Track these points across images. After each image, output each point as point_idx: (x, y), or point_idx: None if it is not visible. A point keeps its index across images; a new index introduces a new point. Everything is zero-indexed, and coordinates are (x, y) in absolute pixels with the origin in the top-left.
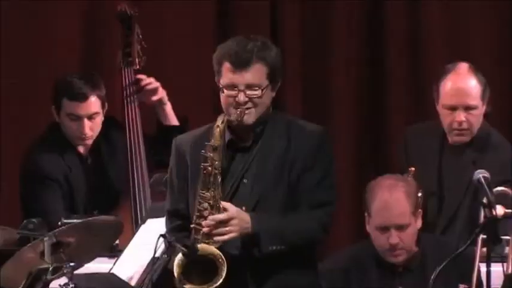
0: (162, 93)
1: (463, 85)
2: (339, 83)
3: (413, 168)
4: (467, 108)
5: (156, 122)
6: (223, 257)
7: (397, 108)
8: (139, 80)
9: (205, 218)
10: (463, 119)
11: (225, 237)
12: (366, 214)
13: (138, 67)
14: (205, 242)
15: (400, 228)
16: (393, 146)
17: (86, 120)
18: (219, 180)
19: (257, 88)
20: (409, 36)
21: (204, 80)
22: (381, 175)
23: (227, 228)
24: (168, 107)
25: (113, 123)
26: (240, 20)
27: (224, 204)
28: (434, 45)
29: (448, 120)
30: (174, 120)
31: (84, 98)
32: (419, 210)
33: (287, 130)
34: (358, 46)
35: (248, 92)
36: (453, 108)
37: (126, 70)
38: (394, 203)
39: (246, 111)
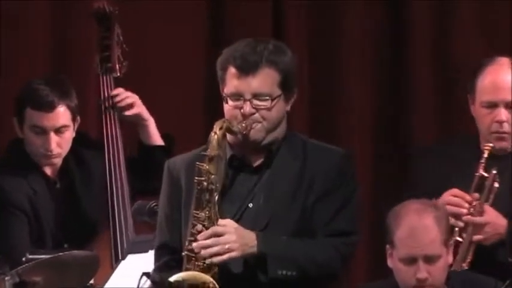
0: (139, 109)
1: (505, 79)
2: (352, 95)
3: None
4: (509, 107)
5: (137, 141)
6: (216, 285)
7: (422, 126)
8: (114, 96)
9: None
10: (504, 118)
11: (224, 256)
12: (387, 246)
13: (118, 74)
14: (198, 270)
15: (430, 260)
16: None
17: (52, 134)
18: (216, 198)
19: (266, 98)
20: (436, 40)
21: (195, 90)
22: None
23: (226, 246)
24: (151, 124)
25: (85, 140)
26: (237, 21)
27: (223, 221)
28: (469, 52)
29: (487, 121)
30: (157, 140)
31: (50, 107)
32: (451, 241)
33: (303, 150)
34: (375, 52)
35: (256, 102)
36: (493, 106)
37: (104, 78)
38: (422, 230)
39: (253, 125)
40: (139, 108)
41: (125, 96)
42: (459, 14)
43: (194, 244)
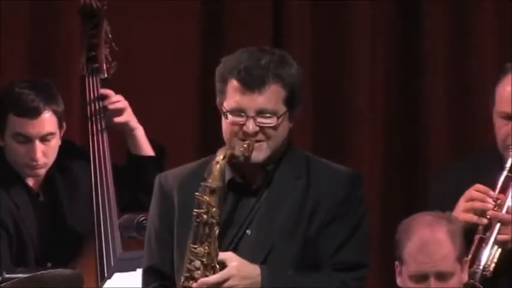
0: (128, 117)
1: None
2: (361, 108)
3: None
4: None
5: (126, 151)
6: None
7: (437, 142)
8: (104, 97)
9: (195, 281)
10: None
11: None
12: (396, 263)
13: (106, 75)
14: None
15: (442, 277)
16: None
17: (37, 143)
18: (216, 232)
19: (272, 115)
20: (454, 48)
21: (189, 93)
22: None
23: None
24: (140, 133)
25: (70, 149)
26: (236, 21)
27: (223, 255)
28: (485, 60)
29: (503, 132)
30: (147, 150)
31: (36, 113)
32: (466, 258)
33: (307, 170)
34: (384, 52)
35: (259, 120)
36: (509, 118)
37: (91, 79)
38: (435, 244)
39: (256, 145)
40: (129, 116)
41: (115, 99)
42: (474, 16)
43: (193, 286)
